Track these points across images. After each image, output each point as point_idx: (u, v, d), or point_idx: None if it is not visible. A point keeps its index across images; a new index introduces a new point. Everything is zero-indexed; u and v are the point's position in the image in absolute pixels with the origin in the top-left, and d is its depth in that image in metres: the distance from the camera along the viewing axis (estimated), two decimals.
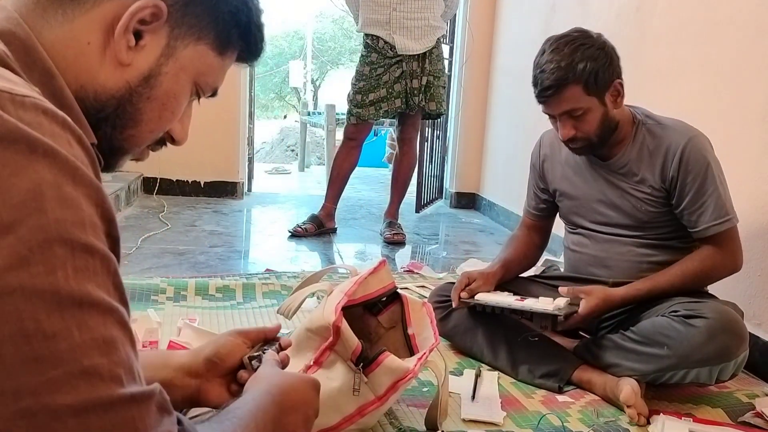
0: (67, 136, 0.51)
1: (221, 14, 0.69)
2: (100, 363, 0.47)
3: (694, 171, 1.59)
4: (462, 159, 4.52)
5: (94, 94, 0.63)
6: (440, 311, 1.79)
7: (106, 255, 0.50)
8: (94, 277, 0.49)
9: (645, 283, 1.64)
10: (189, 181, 4.11)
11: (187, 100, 0.71)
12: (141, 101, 0.66)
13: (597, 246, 1.76)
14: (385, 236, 3.34)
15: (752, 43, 1.96)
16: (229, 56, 0.73)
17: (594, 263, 1.77)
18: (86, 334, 0.47)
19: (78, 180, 0.50)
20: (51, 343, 0.45)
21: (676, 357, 1.49)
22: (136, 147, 0.70)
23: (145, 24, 0.63)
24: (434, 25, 3.28)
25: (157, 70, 0.66)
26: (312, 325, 1.26)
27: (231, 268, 2.62)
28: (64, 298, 0.46)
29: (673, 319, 1.52)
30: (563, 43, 1.59)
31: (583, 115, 1.60)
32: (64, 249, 0.47)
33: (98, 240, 0.50)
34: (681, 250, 1.68)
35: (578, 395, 1.62)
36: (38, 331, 0.45)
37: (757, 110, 1.92)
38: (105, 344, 0.48)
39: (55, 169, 0.48)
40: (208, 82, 0.72)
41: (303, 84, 14.33)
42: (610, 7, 2.81)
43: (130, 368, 0.49)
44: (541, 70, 1.61)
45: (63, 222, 0.47)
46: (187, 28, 0.67)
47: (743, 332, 1.51)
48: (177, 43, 0.67)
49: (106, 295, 0.49)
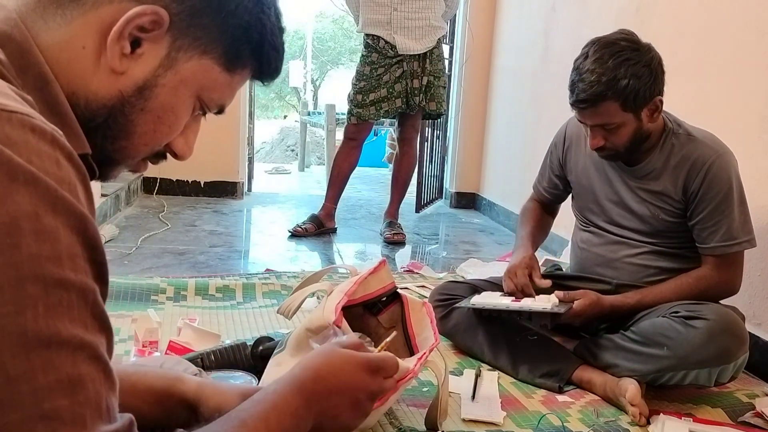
0: (55, 154, 0.49)
1: (231, 29, 0.65)
2: (62, 405, 0.45)
3: (715, 189, 1.58)
4: (462, 159, 4.52)
5: (86, 101, 0.60)
6: (441, 310, 1.79)
7: (83, 287, 0.48)
8: (68, 313, 0.47)
9: (636, 294, 1.65)
10: (189, 181, 4.11)
11: (188, 114, 0.68)
12: (134, 112, 0.63)
13: (607, 246, 1.76)
14: (385, 236, 3.34)
15: (752, 43, 1.96)
16: (240, 73, 0.68)
17: (601, 263, 1.77)
18: (51, 376, 0.45)
19: (59, 209, 0.47)
20: (13, 385, 0.44)
21: (676, 358, 1.49)
22: (129, 159, 0.67)
23: (144, 31, 0.60)
24: (435, 25, 3.28)
25: (153, 81, 0.62)
26: (312, 325, 1.26)
27: (231, 268, 2.62)
28: (31, 339, 0.45)
29: (673, 319, 1.52)
30: (609, 53, 1.51)
31: (615, 129, 1.56)
32: (36, 287, 0.45)
33: (76, 272, 0.48)
34: (690, 259, 1.68)
35: (578, 395, 1.62)
36: (2, 373, 0.44)
37: (757, 110, 1.92)
38: (71, 384, 0.46)
39: (35, 198, 0.46)
40: (213, 98, 0.68)
41: (303, 84, 14.34)
42: (610, 7, 2.81)
43: (97, 406, 0.48)
44: (580, 79, 1.54)
45: (37, 258, 0.46)
46: (191, 40, 0.63)
47: (743, 334, 1.51)
48: (179, 55, 0.63)
49: (81, 330, 0.47)
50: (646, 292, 1.65)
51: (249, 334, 1.84)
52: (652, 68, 1.53)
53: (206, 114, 0.71)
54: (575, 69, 1.57)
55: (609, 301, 1.65)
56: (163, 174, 4.02)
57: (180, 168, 4.03)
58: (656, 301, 1.62)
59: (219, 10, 0.63)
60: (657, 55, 1.56)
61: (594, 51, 1.53)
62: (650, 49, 1.55)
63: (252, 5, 0.65)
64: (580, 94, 1.53)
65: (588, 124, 1.60)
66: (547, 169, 1.93)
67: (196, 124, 0.71)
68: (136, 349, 1.59)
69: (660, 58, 1.56)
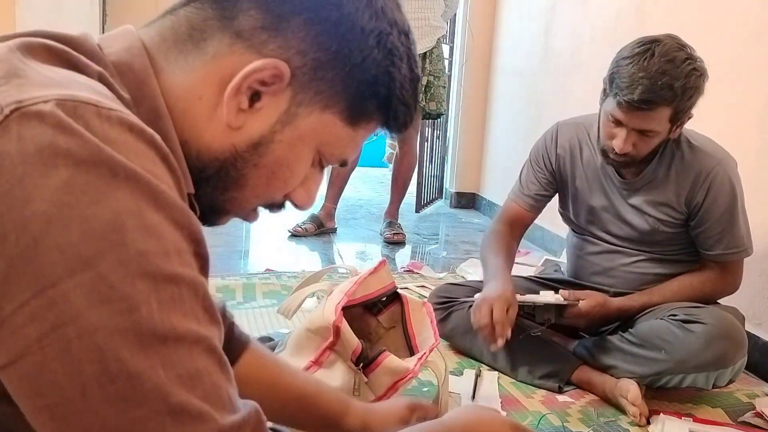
0: (152, 154, 0.48)
1: (356, 83, 0.60)
2: (186, 399, 0.45)
3: (720, 200, 1.56)
4: (462, 159, 4.52)
5: (197, 152, 0.58)
6: (440, 312, 1.78)
7: (193, 280, 0.48)
8: (180, 307, 0.46)
9: (642, 296, 1.64)
10: None
11: (306, 168, 0.64)
12: (246, 167, 0.60)
13: (601, 255, 1.74)
14: (385, 236, 3.34)
15: (752, 43, 1.96)
16: (364, 126, 0.63)
17: (598, 272, 1.76)
18: (171, 371, 0.45)
19: (161, 203, 0.47)
20: (136, 382, 0.44)
21: (673, 362, 1.48)
22: (239, 209, 0.65)
23: (264, 85, 0.57)
24: (434, 25, 3.28)
25: (269, 137, 0.59)
26: (312, 325, 1.26)
27: (231, 268, 2.62)
28: (147, 336, 0.44)
29: (671, 323, 1.52)
30: (680, 59, 1.41)
31: (650, 137, 1.49)
32: (147, 283, 0.45)
33: (184, 266, 0.48)
34: (687, 263, 1.67)
35: (578, 395, 1.62)
36: (122, 370, 0.43)
37: (757, 110, 1.92)
38: (191, 379, 0.46)
39: (137, 194, 0.46)
40: (334, 153, 0.64)
41: None
42: (610, 7, 2.81)
43: (219, 398, 0.47)
44: (647, 76, 1.39)
45: (145, 254, 0.45)
46: (313, 95, 0.59)
47: (741, 339, 1.50)
48: (299, 110, 0.59)
49: (195, 323, 0.47)
50: (651, 294, 1.64)
51: (249, 334, 1.83)
52: (704, 80, 1.47)
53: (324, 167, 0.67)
54: (635, 63, 1.41)
55: (616, 304, 1.63)
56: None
57: None
58: (660, 301, 1.62)
59: (345, 63, 0.59)
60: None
61: (662, 52, 1.41)
62: (700, 59, 1.47)
63: (381, 57, 0.60)
64: (644, 93, 1.39)
65: (628, 126, 1.47)
66: (532, 177, 1.80)
67: (317, 175, 0.67)
68: None
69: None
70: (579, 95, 3.01)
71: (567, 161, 1.74)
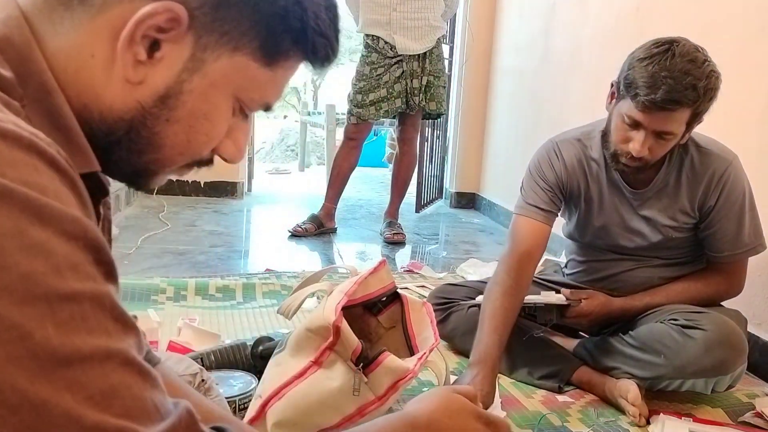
0: (33, 161, 0.43)
1: (265, 18, 0.56)
2: (101, 419, 0.42)
3: (731, 201, 1.55)
4: (462, 159, 4.52)
5: (100, 115, 0.54)
6: (440, 313, 1.78)
7: (95, 293, 0.44)
8: (83, 325, 0.43)
9: (645, 296, 1.63)
10: (189, 181, 4.11)
11: (227, 119, 0.59)
12: (159, 124, 0.55)
13: (607, 263, 1.72)
14: (385, 236, 3.34)
15: (752, 43, 1.96)
16: (282, 65, 0.59)
17: (601, 278, 1.74)
18: (79, 393, 0.41)
19: (46, 218, 0.42)
20: (41, 411, 0.40)
21: (672, 367, 1.48)
22: (165, 169, 0.60)
23: (162, 32, 0.52)
24: (434, 25, 3.28)
25: (177, 89, 0.55)
26: (312, 325, 1.26)
27: (231, 268, 2.62)
28: (46, 362, 0.40)
29: (671, 327, 1.51)
30: (701, 60, 1.37)
31: (667, 140, 1.44)
32: (38, 307, 0.41)
33: (83, 280, 0.43)
34: (692, 264, 1.67)
35: (578, 395, 1.62)
36: (24, 400, 0.40)
37: (757, 110, 1.92)
38: (105, 398, 0.42)
39: (14, 212, 0.41)
40: (254, 98, 0.60)
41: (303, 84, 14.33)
42: (610, 7, 2.81)
43: (142, 410, 0.44)
44: (670, 75, 1.35)
45: (32, 275, 0.41)
46: (218, 36, 0.54)
47: (741, 346, 1.49)
48: (205, 55, 0.55)
49: (104, 338, 0.44)
50: (654, 295, 1.63)
51: (249, 334, 1.84)
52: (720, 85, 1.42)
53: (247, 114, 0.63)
54: (655, 63, 1.36)
55: (618, 304, 1.63)
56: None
57: None
58: (664, 302, 1.61)
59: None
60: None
61: (682, 52, 1.36)
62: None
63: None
64: (668, 92, 1.34)
65: (646, 126, 1.42)
66: (540, 192, 1.66)
67: (243, 124, 0.62)
68: None
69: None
70: (579, 95, 3.01)
71: (576, 178, 1.66)
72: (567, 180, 1.66)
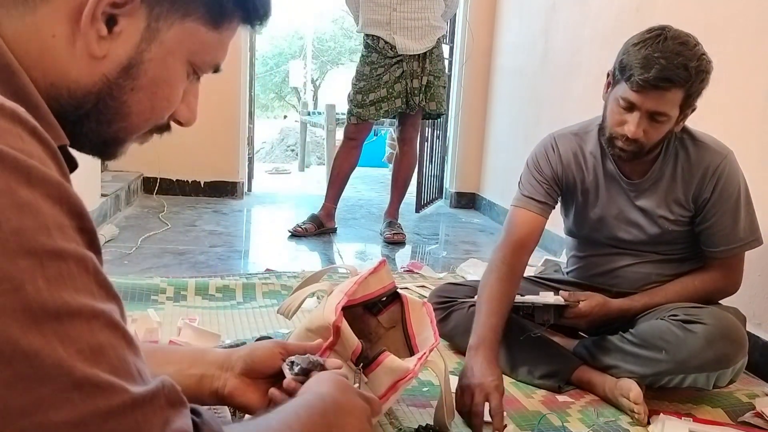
0: (17, 129, 0.46)
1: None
2: (91, 373, 0.44)
3: (726, 195, 1.56)
4: (462, 159, 4.52)
5: (68, 91, 0.57)
6: (440, 312, 1.79)
7: (80, 255, 0.46)
8: (71, 283, 0.44)
9: (643, 297, 1.64)
10: (189, 181, 4.11)
11: (184, 82, 0.64)
12: (124, 93, 0.59)
13: (606, 258, 1.73)
14: (385, 236, 3.34)
15: (752, 43, 1.96)
16: (227, 27, 0.64)
17: (600, 273, 1.75)
18: (71, 347, 0.43)
19: (34, 180, 0.45)
20: (34, 361, 0.42)
21: (674, 362, 1.48)
22: (131, 136, 0.64)
23: (117, 7, 0.56)
24: (434, 25, 3.28)
25: (138, 58, 0.59)
26: (312, 325, 1.26)
27: (231, 268, 2.62)
28: (38, 313, 0.42)
29: (672, 323, 1.52)
30: (692, 43, 1.44)
31: (662, 122, 1.48)
32: (29, 260, 0.43)
33: (68, 241, 0.46)
34: (691, 261, 1.67)
35: (578, 395, 1.62)
36: (17, 351, 0.41)
37: (757, 110, 1.92)
38: (93, 353, 0.44)
39: (5, 173, 0.43)
40: (205, 61, 0.65)
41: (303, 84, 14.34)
42: (610, 7, 2.81)
43: (126, 370, 0.46)
44: (662, 56, 1.41)
45: (23, 231, 0.43)
46: (169, 5, 0.59)
47: (742, 340, 1.50)
48: (159, 24, 0.59)
49: (90, 298, 0.45)
50: (653, 295, 1.63)
51: (249, 334, 1.84)
52: (711, 68, 1.48)
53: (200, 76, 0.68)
54: (648, 46, 1.42)
55: (617, 304, 1.63)
56: (163, 174, 4.02)
57: (180, 168, 4.03)
58: (662, 302, 1.61)
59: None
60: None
61: (674, 35, 1.43)
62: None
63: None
64: (660, 71, 1.40)
65: (641, 107, 1.46)
66: (537, 185, 1.71)
67: (194, 87, 0.67)
68: None
69: None
70: (579, 95, 3.01)
71: (572, 171, 1.70)
72: (563, 173, 1.70)
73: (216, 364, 0.91)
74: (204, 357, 0.92)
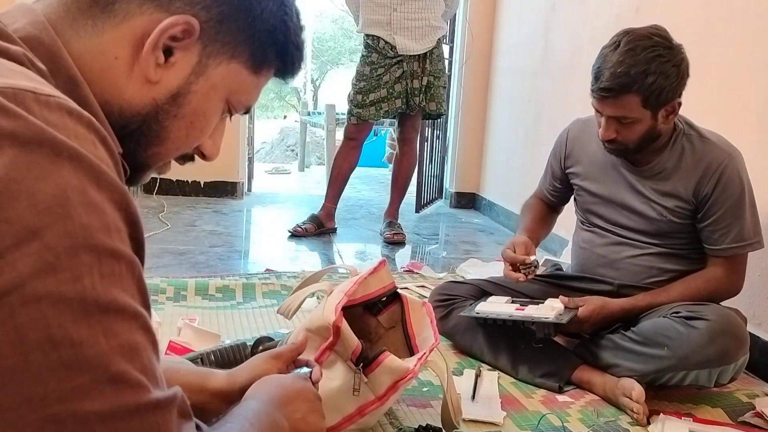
0: (91, 137, 0.50)
1: (257, 32, 0.66)
2: (126, 369, 0.47)
3: (728, 192, 1.58)
4: (462, 159, 4.52)
5: (119, 109, 0.62)
6: (440, 310, 1.79)
7: (131, 259, 0.50)
8: (120, 282, 0.48)
9: (645, 298, 1.64)
10: (189, 181, 4.11)
11: (218, 117, 0.70)
12: (168, 119, 0.64)
13: (608, 247, 1.75)
14: (385, 236, 3.34)
15: (752, 43, 1.96)
16: (265, 74, 0.70)
17: (603, 264, 1.76)
18: (112, 341, 0.47)
19: (102, 184, 0.49)
20: (78, 350, 0.45)
21: (676, 358, 1.49)
22: (160, 162, 0.69)
23: (176, 41, 0.61)
24: (435, 26, 3.28)
25: (186, 89, 0.64)
26: (312, 325, 1.26)
27: (231, 268, 2.62)
28: (90, 305, 0.46)
29: (674, 320, 1.52)
30: (642, 46, 1.49)
31: (630, 123, 1.55)
32: (90, 255, 0.47)
33: (123, 244, 0.50)
34: (694, 260, 1.68)
35: (578, 395, 1.62)
36: (65, 338, 0.45)
37: (757, 110, 1.92)
38: (130, 350, 0.48)
39: (80, 172, 0.48)
40: (241, 101, 0.70)
41: (303, 84, 14.32)
42: (610, 7, 2.81)
43: (153, 373, 0.50)
44: (608, 67, 1.50)
45: (89, 227, 0.47)
46: (220, 46, 0.65)
47: (744, 335, 1.51)
48: (209, 61, 0.64)
49: (132, 300, 0.49)
50: (655, 295, 1.64)
51: (249, 334, 1.84)
52: (681, 69, 1.52)
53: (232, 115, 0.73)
54: (603, 56, 1.53)
55: (618, 305, 1.64)
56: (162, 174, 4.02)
57: (180, 168, 4.00)
58: (665, 303, 1.61)
59: (246, 15, 0.65)
60: (687, 58, 1.54)
61: (627, 41, 1.50)
62: (681, 50, 1.53)
63: (276, 8, 0.67)
64: (605, 81, 1.50)
65: (604, 115, 1.57)
66: (549, 174, 1.93)
67: (222, 125, 0.72)
68: None
69: (688, 61, 1.54)
70: (579, 95, 2.99)
71: (574, 155, 1.82)
72: (566, 158, 1.85)
73: (218, 395, 0.91)
74: (206, 384, 0.92)
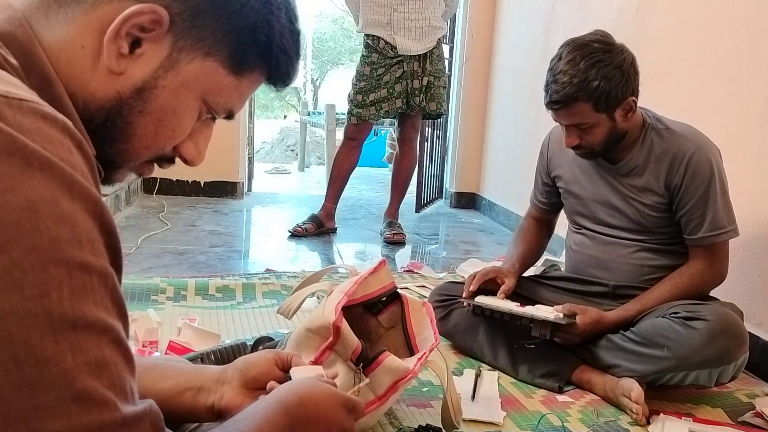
0: (67, 142, 0.49)
1: (236, 30, 0.62)
2: (92, 386, 0.46)
3: (698, 181, 1.59)
4: (462, 159, 4.52)
5: (84, 102, 0.59)
6: (441, 310, 1.79)
7: (104, 271, 0.49)
8: (91, 296, 0.47)
9: (635, 304, 1.65)
10: (189, 181, 4.11)
11: (193, 118, 0.65)
12: (132, 114, 0.61)
13: (598, 248, 1.76)
14: (385, 236, 3.34)
15: (752, 43, 1.96)
16: (248, 77, 0.66)
17: (595, 264, 1.77)
18: (79, 357, 0.46)
19: (75, 193, 0.48)
20: (43, 368, 0.44)
21: (676, 359, 1.49)
22: (130, 162, 0.65)
23: (144, 31, 0.58)
24: (435, 26, 3.28)
25: (152, 83, 0.60)
26: (312, 325, 1.26)
27: (231, 268, 2.62)
28: (57, 321, 0.45)
29: (673, 320, 1.52)
30: (581, 55, 1.54)
31: (589, 128, 1.60)
32: (59, 269, 0.46)
33: (96, 256, 0.48)
34: (683, 254, 1.68)
35: (578, 395, 1.62)
36: (30, 356, 0.44)
37: (757, 110, 1.92)
38: (98, 366, 0.47)
39: (51, 183, 0.46)
40: (219, 102, 0.66)
41: (303, 84, 14.32)
42: (610, 7, 2.81)
43: (122, 389, 0.48)
44: (553, 80, 1.57)
45: (58, 241, 0.46)
46: (194, 41, 0.61)
47: (743, 335, 1.51)
48: (180, 56, 0.61)
49: (104, 313, 0.48)
50: (644, 300, 1.64)
51: (249, 334, 1.84)
52: (624, 69, 1.55)
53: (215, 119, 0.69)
54: (550, 70, 1.59)
55: (612, 318, 1.64)
56: (162, 174, 4.02)
57: (180, 168, 4.00)
58: (655, 306, 1.62)
59: (223, 10, 0.61)
60: (630, 56, 1.58)
61: (567, 53, 1.56)
62: (623, 50, 1.57)
63: (259, 6, 0.63)
64: (553, 95, 1.57)
65: (563, 124, 1.63)
66: (538, 182, 1.94)
67: (207, 129, 0.68)
68: (136, 349, 1.59)
69: (633, 58, 1.59)
70: None
71: (556, 159, 1.85)
72: (548, 163, 1.88)
73: (212, 378, 0.91)
74: (200, 373, 0.92)
